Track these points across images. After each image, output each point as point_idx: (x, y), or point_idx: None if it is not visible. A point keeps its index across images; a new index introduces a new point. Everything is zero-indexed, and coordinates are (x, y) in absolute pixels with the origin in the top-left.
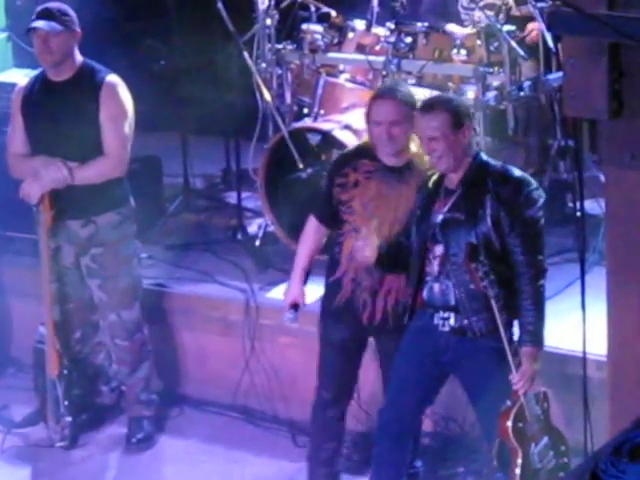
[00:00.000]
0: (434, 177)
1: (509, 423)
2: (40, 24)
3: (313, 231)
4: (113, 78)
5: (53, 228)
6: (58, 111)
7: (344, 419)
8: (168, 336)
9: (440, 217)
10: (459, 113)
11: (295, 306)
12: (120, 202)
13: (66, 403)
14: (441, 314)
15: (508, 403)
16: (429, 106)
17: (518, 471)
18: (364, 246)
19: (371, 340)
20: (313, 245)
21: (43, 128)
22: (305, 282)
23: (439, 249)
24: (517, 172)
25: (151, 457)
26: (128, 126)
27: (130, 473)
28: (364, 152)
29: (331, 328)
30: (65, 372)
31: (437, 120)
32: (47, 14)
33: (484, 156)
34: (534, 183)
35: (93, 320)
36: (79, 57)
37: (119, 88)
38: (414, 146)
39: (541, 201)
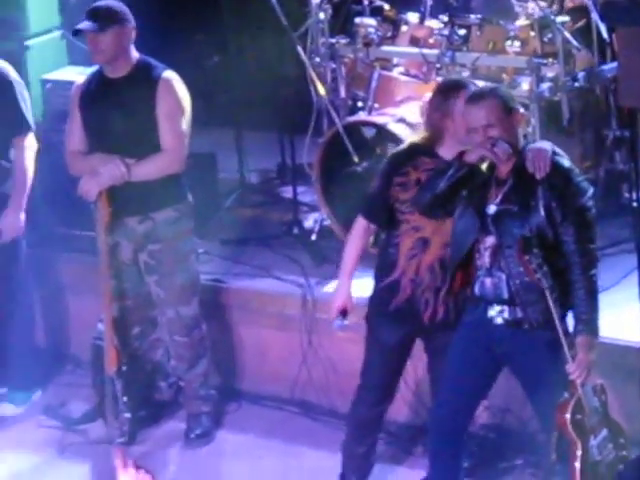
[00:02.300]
0: (483, 166)
1: (568, 415)
2: (84, 25)
3: (362, 232)
4: (170, 74)
5: (111, 225)
6: (115, 108)
7: (384, 417)
8: (225, 331)
9: (493, 208)
10: (507, 98)
11: (344, 312)
12: (177, 198)
13: (125, 399)
14: (495, 307)
15: (566, 395)
16: (479, 96)
17: (577, 464)
18: None
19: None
20: (361, 247)
21: (101, 125)
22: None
23: (490, 240)
24: (567, 162)
25: (210, 452)
26: (185, 122)
27: (189, 469)
28: (421, 149)
29: (384, 330)
30: (123, 369)
31: (490, 107)
32: (94, 14)
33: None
34: (581, 174)
35: (151, 316)
36: (135, 53)
37: (176, 84)
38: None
39: (591, 191)
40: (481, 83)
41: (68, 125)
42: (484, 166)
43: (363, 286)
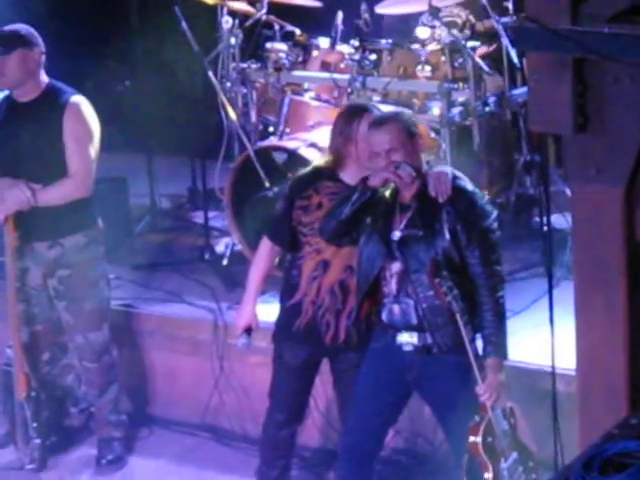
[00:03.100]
0: (386, 192)
1: (479, 438)
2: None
3: (266, 254)
4: (78, 99)
5: (20, 250)
6: (22, 132)
7: (295, 438)
8: (136, 356)
9: (398, 234)
10: (409, 123)
11: (248, 330)
12: (87, 224)
13: (35, 425)
14: (404, 334)
15: (477, 418)
16: (381, 121)
17: None
18: None
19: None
20: (266, 268)
21: (8, 149)
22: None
23: (396, 267)
24: (469, 185)
25: (121, 478)
26: (93, 147)
27: None
28: (324, 173)
29: (289, 352)
30: (33, 394)
31: (392, 131)
32: None
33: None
34: (485, 196)
35: (61, 342)
36: (44, 78)
37: (84, 109)
38: None
39: (495, 213)
40: (385, 107)
41: None
42: (387, 193)
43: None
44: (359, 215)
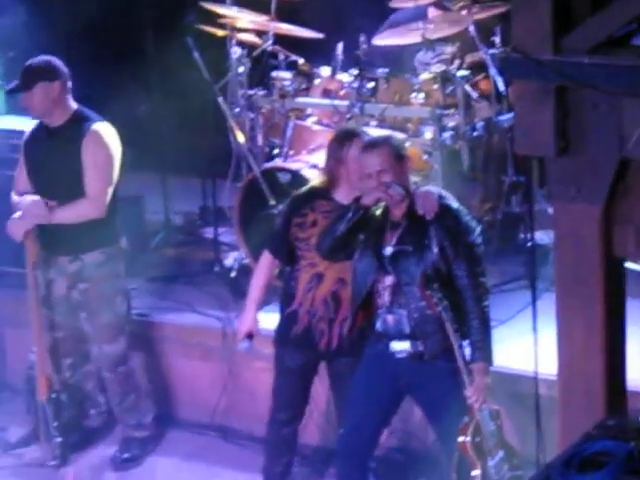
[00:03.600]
0: (378, 211)
1: (468, 438)
2: (13, 84)
3: (267, 266)
4: (99, 126)
5: (47, 262)
6: (49, 154)
7: (297, 436)
8: (154, 362)
9: (390, 250)
10: (398, 147)
11: (250, 335)
12: (106, 242)
13: (56, 424)
14: (397, 342)
15: (465, 419)
16: (372, 144)
17: None
18: None
19: (322, 364)
20: (266, 278)
21: (37, 170)
22: (258, 310)
23: (389, 280)
24: (455, 203)
25: (137, 475)
26: (110, 171)
27: None
28: (319, 193)
29: (288, 356)
30: (54, 396)
31: (382, 154)
32: (22, 73)
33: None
34: (470, 213)
35: (83, 349)
36: (72, 104)
37: (104, 135)
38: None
39: (479, 229)
40: (379, 132)
41: (17, 169)
42: (379, 212)
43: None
44: (353, 232)
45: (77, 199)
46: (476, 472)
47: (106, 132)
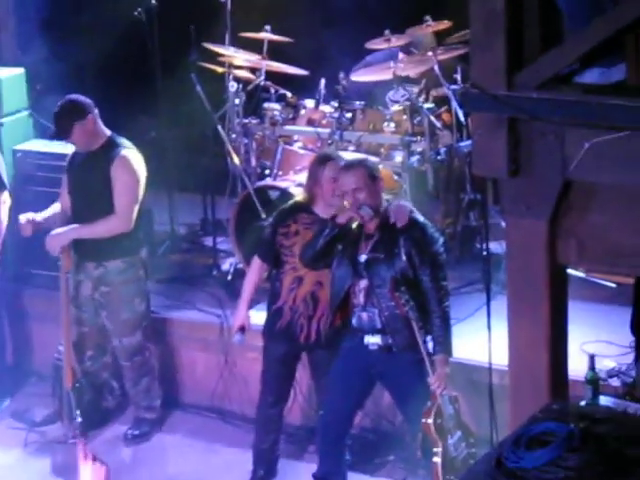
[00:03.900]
0: (354, 225)
1: (430, 420)
2: (52, 134)
3: (257, 269)
4: (127, 152)
5: (77, 266)
6: (84, 175)
7: (282, 416)
8: (162, 353)
9: (364, 257)
10: (373, 168)
11: (242, 329)
12: (127, 252)
13: (77, 408)
14: (370, 336)
15: (428, 404)
16: (350, 165)
17: (438, 459)
18: None
19: (304, 355)
20: (256, 280)
21: (75, 188)
22: (250, 308)
23: (363, 283)
24: (422, 218)
25: (146, 449)
26: (136, 191)
27: (129, 462)
28: (301, 207)
29: (273, 347)
30: (77, 385)
31: (358, 174)
32: (55, 121)
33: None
34: (434, 226)
35: (103, 343)
36: (106, 131)
37: (131, 160)
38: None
39: (442, 240)
40: (354, 155)
41: (62, 185)
42: (354, 225)
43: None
44: (330, 245)
45: (107, 214)
46: (437, 449)
47: (133, 157)
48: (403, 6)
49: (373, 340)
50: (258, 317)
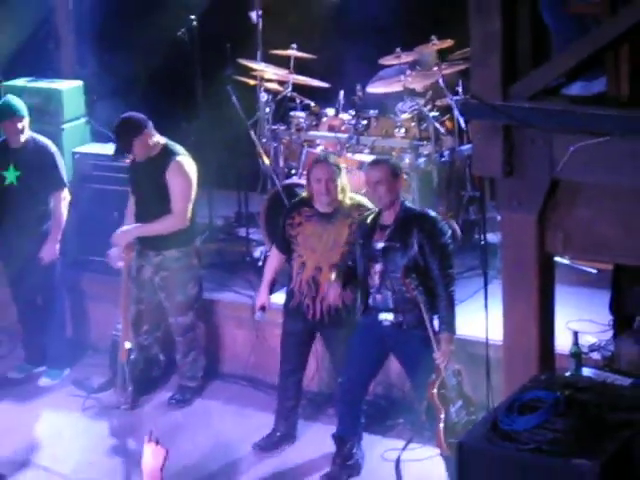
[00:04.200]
0: (371, 216)
1: (435, 390)
2: (114, 151)
3: (274, 256)
4: (180, 159)
5: (140, 253)
6: (143, 179)
7: (301, 384)
8: (207, 329)
9: (380, 245)
10: (395, 167)
11: (263, 308)
12: (182, 243)
13: (130, 378)
14: (383, 313)
15: (433, 376)
16: (376, 162)
17: (442, 425)
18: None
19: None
20: (275, 266)
21: (136, 190)
22: (272, 291)
23: (379, 267)
24: (432, 213)
25: (188, 413)
26: (190, 193)
27: (174, 424)
28: (304, 202)
29: (288, 322)
30: (132, 357)
31: (382, 170)
32: (118, 139)
33: (407, 203)
34: (443, 220)
35: (156, 319)
36: (161, 140)
37: (184, 166)
38: (343, 197)
39: (449, 232)
40: (370, 157)
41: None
42: (371, 216)
43: None
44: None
45: (164, 213)
46: (441, 416)
47: (186, 163)
48: (411, 26)
49: (386, 317)
50: (280, 298)
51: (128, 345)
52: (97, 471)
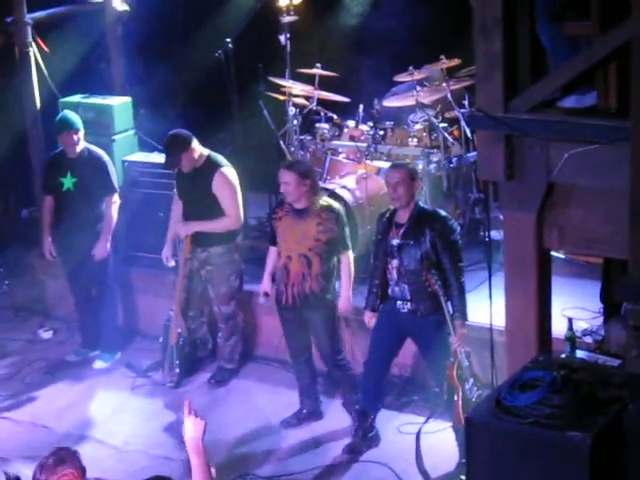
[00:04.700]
0: (387, 214)
1: (453, 372)
2: (165, 164)
3: (273, 248)
4: (223, 170)
5: (190, 249)
6: (191, 187)
7: (309, 365)
8: (245, 316)
9: (396, 241)
10: (413, 172)
11: (266, 294)
12: (226, 240)
13: (177, 360)
14: (401, 303)
15: (451, 359)
16: (396, 165)
17: (460, 402)
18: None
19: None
20: (274, 257)
21: (184, 197)
22: (274, 279)
23: (395, 262)
24: (442, 212)
25: (225, 392)
26: (237, 198)
27: (213, 401)
28: (284, 201)
29: (277, 308)
30: (180, 341)
31: (401, 173)
32: (168, 153)
33: (421, 203)
34: (452, 218)
35: (201, 307)
36: (205, 151)
37: (228, 175)
38: (312, 197)
39: (459, 229)
40: (387, 164)
41: (174, 190)
42: (387, 214)
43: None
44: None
45: (211, 215)
46: (459, 393)
47: (229, 173)
48: (421, 47)
49: (404, 305)
50: None
51: (178, 329)
52: (145, 443)
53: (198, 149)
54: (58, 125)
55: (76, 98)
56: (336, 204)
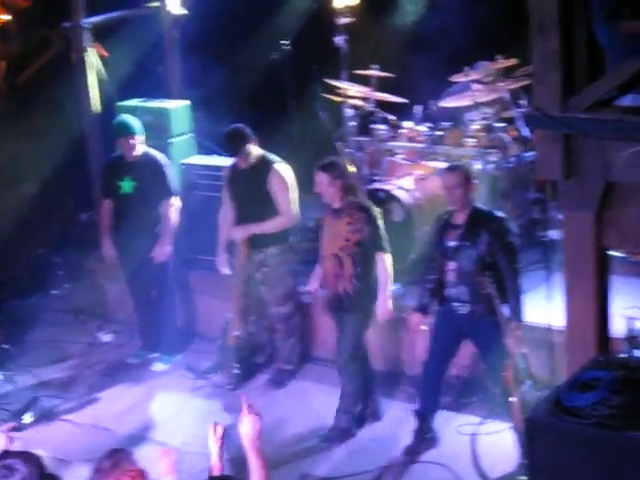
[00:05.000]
0: (444, 216)
1: (510, 374)
2: (232, 151)
3: None
4: (278, 166)
5: (246, 253)
6: (245, 186)
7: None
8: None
9: (453, 244)
10: (469, 174)
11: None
12: (281, 241)
13: (236, 362)
14: (458, 304)
15: (507, 362)
16: (453, 168)
17: (518, 403)
18: None
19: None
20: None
21: (237, 196)
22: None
23: (452, 264)
24: (499, 213)
25: (284, 392)
26: (292, 195)
27: (269, 401)
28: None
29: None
30: (239, 345)
31: (458, 175)
32: (233, 142)
33: (478, 204)
34: (509, 219)
35: (262, 310)
36: (259, 151)
37: (282, 172)
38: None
39: (515, 230)
40: (442, 164)
41: (223, 195)
42: (445, 216)
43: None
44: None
45: (264, 215)
46: (517, 395)
47: (283, 169)
48: (476, 46)
49: (461, 307)
50: None
51: (236, 332)
52: (205, 444)
53: (254, 147)
54: (117, 129)
55: (133, 102)
56: (369, 204)
